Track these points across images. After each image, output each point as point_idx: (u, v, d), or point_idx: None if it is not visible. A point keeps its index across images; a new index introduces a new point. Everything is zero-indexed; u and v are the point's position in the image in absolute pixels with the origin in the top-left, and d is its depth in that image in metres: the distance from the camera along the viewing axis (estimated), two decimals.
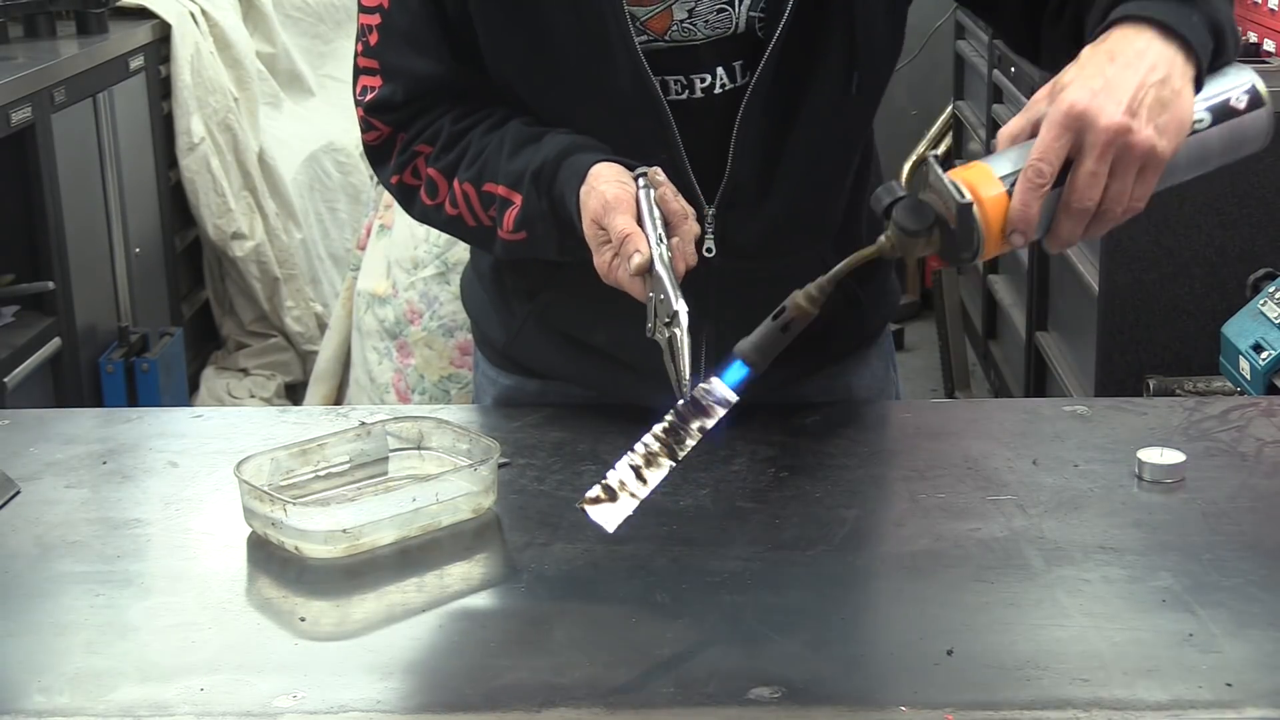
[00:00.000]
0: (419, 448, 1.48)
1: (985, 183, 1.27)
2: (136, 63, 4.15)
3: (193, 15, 4.43)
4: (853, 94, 1.52)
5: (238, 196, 4.43)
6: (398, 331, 3.34)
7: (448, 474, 1.39)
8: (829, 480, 1.44)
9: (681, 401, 1.28)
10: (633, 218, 1.37)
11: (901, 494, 1.41)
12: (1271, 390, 2.42)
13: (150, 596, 1.26)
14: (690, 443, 1.27)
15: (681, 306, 1.32)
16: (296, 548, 1.31)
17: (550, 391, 1.67)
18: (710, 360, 1.52)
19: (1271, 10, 3.43)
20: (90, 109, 3.88)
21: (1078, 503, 1.38)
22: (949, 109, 5.12)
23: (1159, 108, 1.27)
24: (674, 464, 1.27)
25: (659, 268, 1.35)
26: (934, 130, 5.23)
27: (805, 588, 1.25)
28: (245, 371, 4.54)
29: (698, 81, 1.50)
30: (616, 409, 1.59)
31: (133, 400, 3.86)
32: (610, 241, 1.37)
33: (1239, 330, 2.56)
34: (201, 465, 1.51)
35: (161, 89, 4.33)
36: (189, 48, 4.35)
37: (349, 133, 4.95)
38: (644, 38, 1.48)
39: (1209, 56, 1.33)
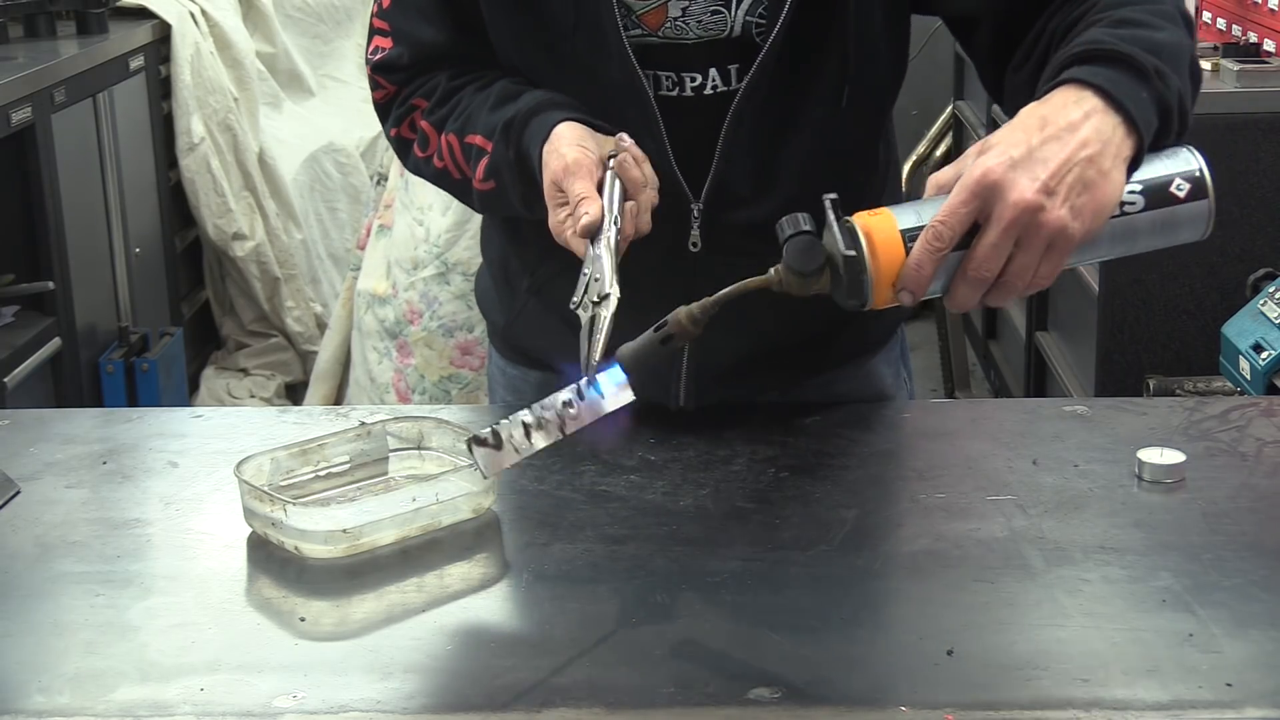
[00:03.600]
0: (419, 448, 1.48)
1: (885, 234, 1.23)
2: (136, 63, 4.15)
3: (193, 15, 4.43)
4: (843, 107, 1.51)
5: (238, 196, 4.43)
6: (398, 331, 3.34)
7: (448, 474, 1.39)
8: (829, 480, 1.44)
9: (584, 381, 1.28)
10: (591, 183, 1.37)
11: (901, 494, 1.41)
12: (1271, 390, 2.42)
13: (150, 596, 1.26)
14: (582, 423, 1.28)
15: (614, 291, 1.31)
16: (296, 548, 1.31)
17: (552, 385, 1.68)
18: (692, 353, 1.53)
19: (1271, 10, 3.43)
20: (90, 109, 3.88)
21: (1078, 503, 1.38)
22: (949, 109, 5.12)
23: (1080, 187, 1.21)
24: (561, 436, 1.28)
25: (603, 248, 1.35)
26: (934, 130, 5.23)
27: (805, 588, 1.25)
28: (245, 371, 4.54)
29: (688, 80, 1.50)
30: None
31: (133, 400, 3.86)
32: (567, 204, 1.38)
33: (1239, 330, 2.56)
34: (201, 465, 1.51)
35: (161, 89, 4.33)
36: (189, 48, 4.35)
37: (349, 133, 4.96)
38: (638, 31, 1.48)
39: (1152, 136, 1.27)
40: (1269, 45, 3.38)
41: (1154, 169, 1.28)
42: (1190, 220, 1.29)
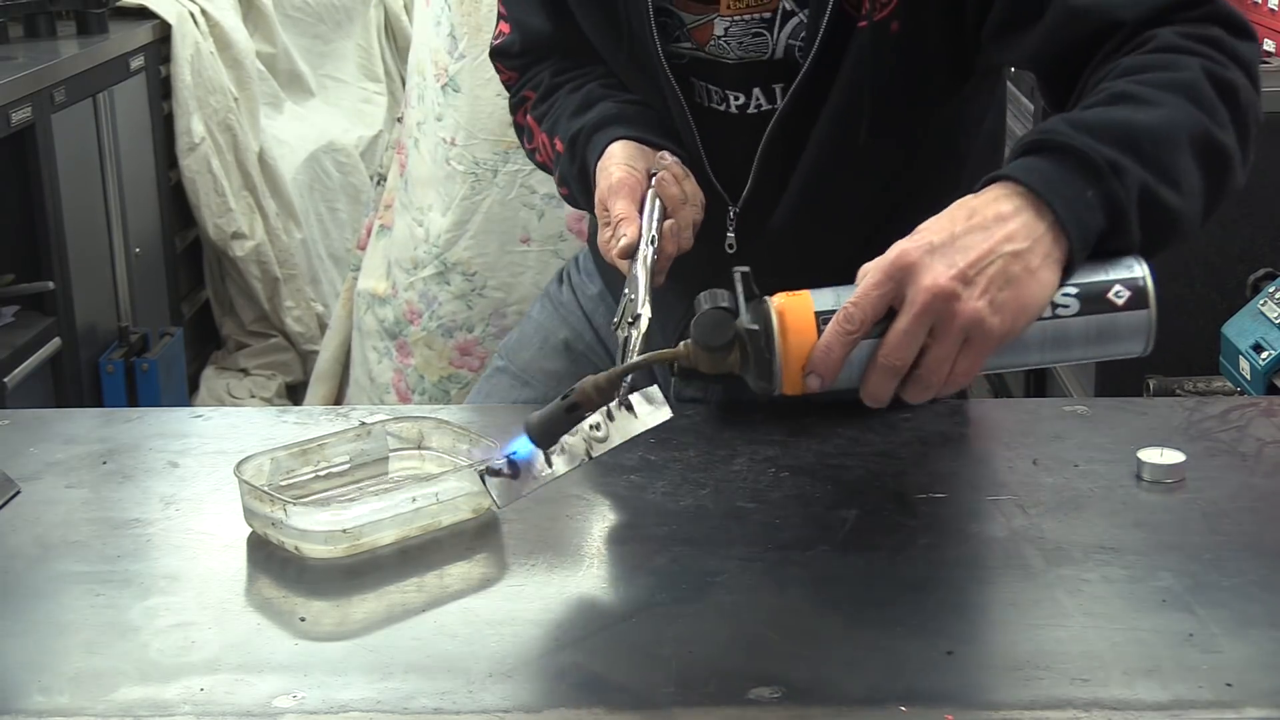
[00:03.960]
0: (419, 448, 1.48)
1: (798, 314, 1.19)
2: (136, 63, 4.15)
3: (193, 15, 4.43)
4: (862, 137, 1.50)
5: (238, 196, 4.43)
6: (398, 331, 3.34)
7: (448, 474, 1.39)
8: (829, 480, 1.44)
9: (616, 402, 1.28)
10: (633, 203, 1.40)
11: (901, 494, 1.41)
12: (1271, 390, 2.42)
13: (150, 596, 1.26)
14: (610, 445, 1.28)
15: (645, 311, 1.31)
16: (296, 548, 1.31)
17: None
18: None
19: (1271, 10, 3.43)
20: (90, 109, 3.88)
21: (1078, 503, 1.38)
22: None
23: (1002, 281, 1.16)
24: (587, 460, 1.29)
25: (639, 268, 1.35)
26: None
27: (805, 588, 1.25)
28: (245, 371, 4.54)
29: (731, 98, 1.52)
30: None
31: (133, 400, 3.86)
32: (610, 223, 1.41)
33: (1239, 330, 2.56)
34: (201, 465, 1.51)
35: (161, 89, 4.33)
36: (189, 48, 4.35)
37: (349, 133, 4.96)
38: (688, 44, 1.51)
39: (1094, 238, 1.20)
40: (1269, 45, 3.38)
41: (1093, 273, 1.22)
42: (1130, 330, 1.24)
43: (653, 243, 1.37)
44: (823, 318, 1.20)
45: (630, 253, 1.37)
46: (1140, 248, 1.23)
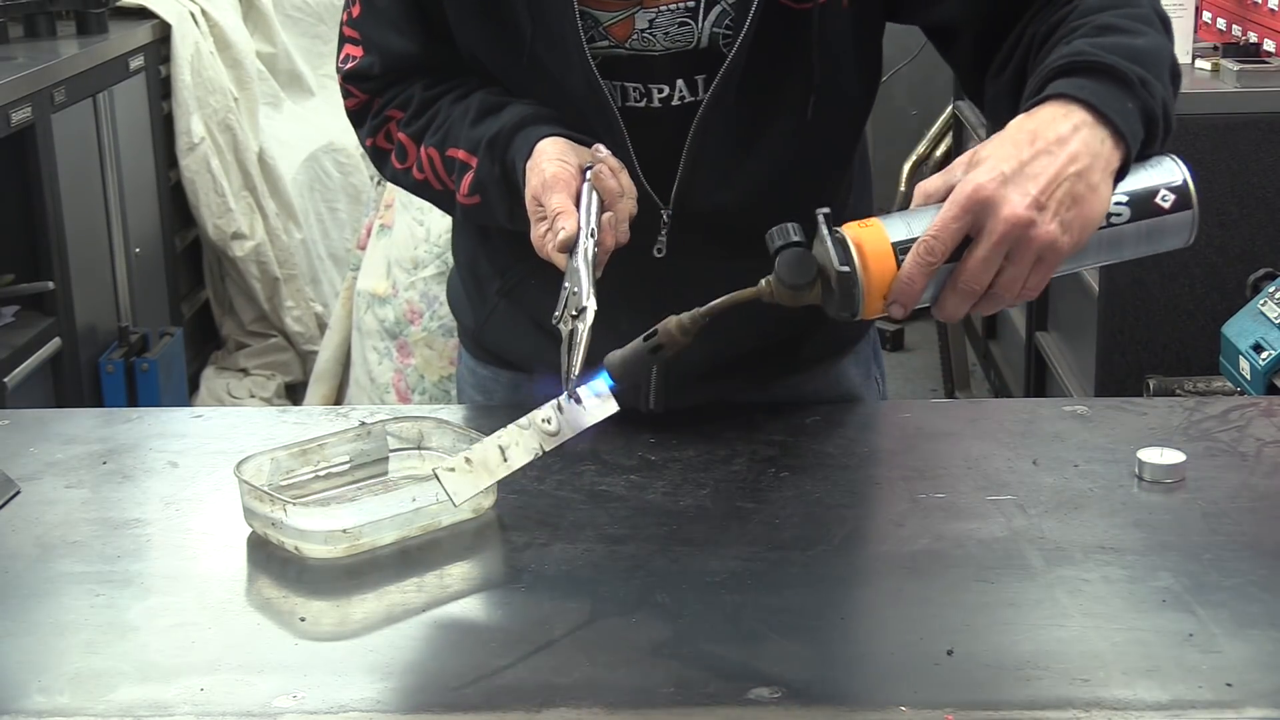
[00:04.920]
0: (419, 448, 1.48)
1: (876, 246, 1.24)
2: (136, 63, 4.15)
3: (193, 15, 4.43)
4: (809, 118, 1.51)
5: (238, 196, 4.43)
6: (398, 331, 3.34)
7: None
8: (829, 480, 1.44)
9: (565, 395, 1.29)
10: (569, 196, 1.39)
11: (901, 494, 1.41)
12: (1271, 390, 2.42)
13: (150, 596, 1.26)
14: (563, 438, 1.30)
15: (591, 304, 1.32)
16: (296, 548, 1.31)
17: (522, 384, 1.69)
18: (659, 374, 1.53)
19: (1271, 10, 3.43)
20: (90, 109, 3.88)
21: (1078, 503, 1.38)
22: (949, 109, 5.12)
23: (1069, 202, 1.23)
24: (541, 453, 1.29)
25: (580, 261, 1.36)
26: (934, 130, 5.22)
27: (805, 588, 1.25)
28: (245, 371, 4.54)
29: (655, 92, 1.49)
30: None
31: (133, 400, 3.86)
32: (546, 218, 1.39)
33: (1239, 330, 2.56)
34: (201, 465, 1.51)
35: (161, 89, 4.33)
36: (189, 48, 4.35)
37: (349, 133, 4.91)
38: (605, 42, 1.48)
39: (1139, 146, 1.28)
40: (1269, 45, 3.38)
41: (1139, 180, 1.29)
42: (1175, 229, 1.30)
43: (593, 235, 1.37)
44: (899, 247, 1.24)
45: (569, 246, 1.36)
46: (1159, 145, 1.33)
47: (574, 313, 1.33)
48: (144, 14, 4.32)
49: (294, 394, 4.52)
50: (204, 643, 1.18)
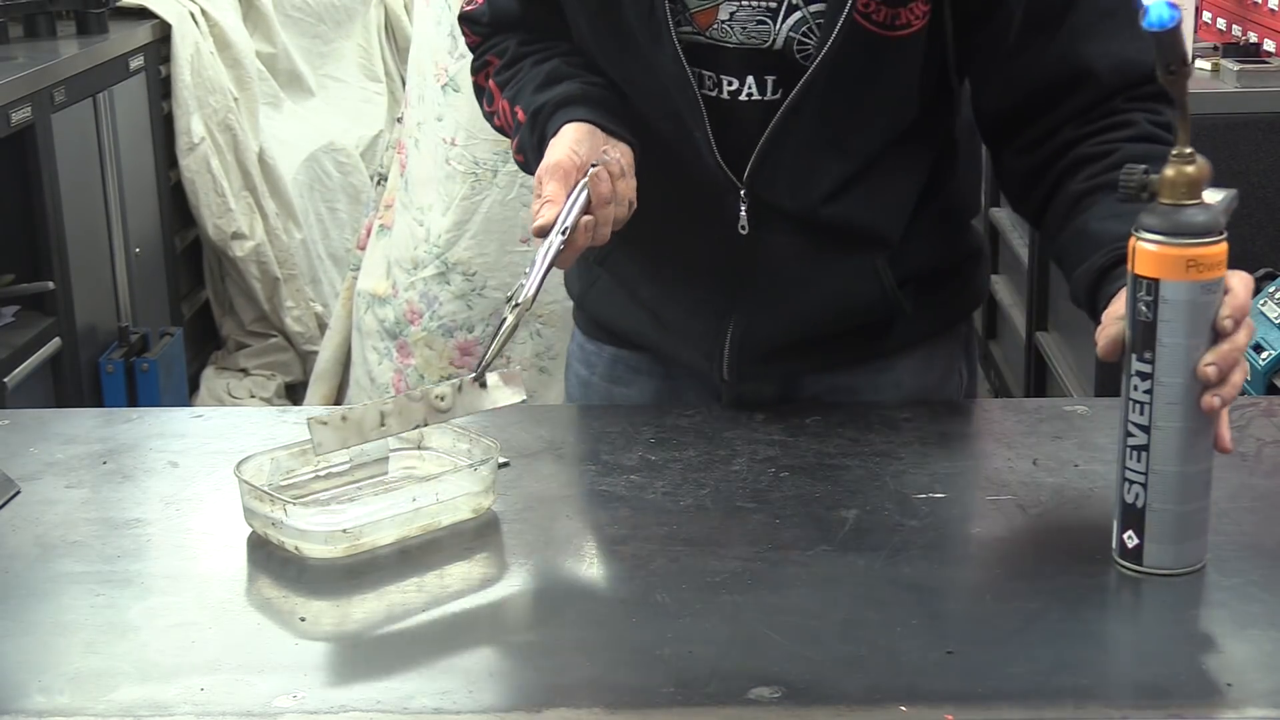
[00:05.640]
0: (419, 448, 1.48)
1: None
2: (136, 63, 4.15)
3: (193, 15, 4.42)
4: (893, 136, 1.53)
5: (238, 196, 4.43)
6: (398, 331, 3.34)
7: (448, 474, 1.39)
8: (829, 480, 1.44)
9: (469, 376, 1.38)
10: (563, 186, 1.43)
11: (902, 494, 1.41)
12: (1271, 390, 2.42)
13: (150, 596, 1.26)
14: (452, 417, 1.39)
15: (526, 297, 1.38)
16: (296, 548, 1.31)
17: (620, 361, 1.74)
18: (737, 323, 1.55)
19: (1271, 10, 3.43)
20: (90, 109, 3.88)
21: (1078, 503, 1.38)
22: None
23: None
24: (422, 425, 1.38)
25: (540, 254, 1.40)
26: None
27: (805, 588, 1.25)
28: (245, 371, 4.54)
29: (725, 84, 1.52)
30: (614, 410, 1.59)
31: (133, 400, 3.86)
32: (539, 198, 1.44)
33: None
34: (201, 465, 1.51)
35: (161, 89, 4.33)
36: (189, 48, 4.35)
37: (349, 133, 4.96)
38: (688, 28, 1.51)
39: None
40: (1269, 45, 3.38)
41: None
42: None
43: (564, 233, 1.41)
44: None
45: (541, 233, 1.41)
46: None
47: (515, 301, 1.38)
48: (144, 14, 4.32)
49: (294, 394, 4.52)
50: (204, 643, 1.18)
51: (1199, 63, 3.17)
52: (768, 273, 1.57)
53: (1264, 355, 2.50)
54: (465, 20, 1.71)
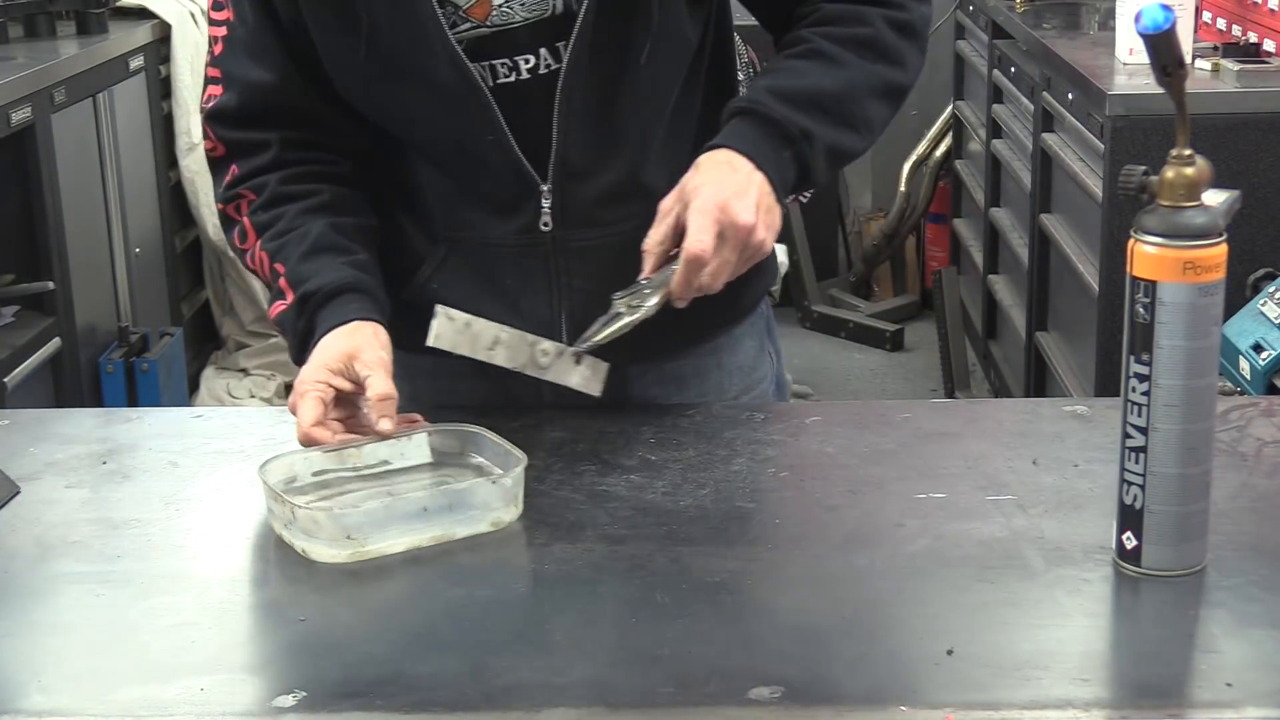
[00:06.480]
0: (456, 457, 1.45)
1: None
2: (136, 63, 4.15)
3: (193, 15, 4.43)
4: (641, 63, 1.54)
5: None
6: None
7: (472, 486, 1.36)
8: (829, 480, 1.44)
9: (573, 349, 1.50)
10: (313, 411, 1.43)
11: (901, 494, 1.41)
12: (1271, 390, 2.42)
13: (150, 596, 1.26)
14: (538, 375, 1.51)
15: (652, 304, 1.47)
16: (304, 550, 1.31)
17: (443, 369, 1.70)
18: (571, 336, 1.56)
19: (1271, 10, 3.43)
20: (90, 109, 3.88)
21: (1078, 503, 1.38)
22: (949, 109, 5.12)
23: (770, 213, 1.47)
24: (516, 368, 1.49)
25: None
26: (934, 130, 5.23)
27: (805, 588, 1.25)
28: (245, 371, 4.54)
29: (522, 64, 1.53)
30: (614, 410, 1.59)
31: (133, 400, 3.86)
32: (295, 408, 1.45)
33: (1239, 330, 2.57)
34: (201, 465, 1.51)
35: (161, 89, 4.33)
36: (189, 48, 4.35)
37: None
38: (466, 25, 1.52)
39: (789, 189, 1.52)
40: (1269, 45, 3.38)
41: None
42: None
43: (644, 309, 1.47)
44: None
45: (307, 444, 1.42)
46: (823, 179, 1.60)
47: (633, 304, 1.46)
48: (144, 14, 4.32)
49: None
50: (204, 643, 1.18)
51: (1199, 63, 3.17)
52: (580, 268, 1.57)
53: (1264, 355, 2.50)
54: (210, 119, 1.60)
